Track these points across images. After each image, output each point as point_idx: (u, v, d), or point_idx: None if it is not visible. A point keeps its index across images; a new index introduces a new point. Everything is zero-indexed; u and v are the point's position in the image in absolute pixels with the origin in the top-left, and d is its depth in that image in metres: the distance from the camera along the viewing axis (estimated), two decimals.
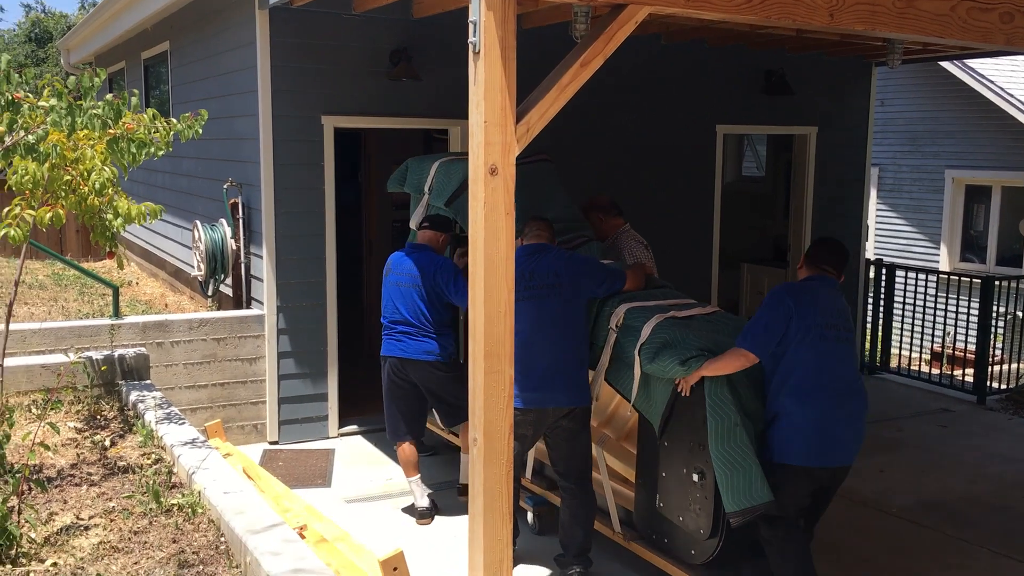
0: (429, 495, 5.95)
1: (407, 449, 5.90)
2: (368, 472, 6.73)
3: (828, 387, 4.39)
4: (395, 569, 4.39)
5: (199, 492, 4.62)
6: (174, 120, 5.10)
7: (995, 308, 9.09)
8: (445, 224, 5.90)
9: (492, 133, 3.90)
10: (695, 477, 4.52)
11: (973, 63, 12.85)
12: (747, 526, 4.37)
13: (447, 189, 6.02)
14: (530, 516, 5.81)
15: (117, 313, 7.22)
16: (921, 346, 10.02)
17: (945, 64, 12.96)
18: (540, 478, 5.85)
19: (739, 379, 4.46)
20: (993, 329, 9.15)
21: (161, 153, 5.01)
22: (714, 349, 4.50)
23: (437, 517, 5.96)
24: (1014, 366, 9.65)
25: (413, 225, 6.39)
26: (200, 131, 5.17)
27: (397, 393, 5.85)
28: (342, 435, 7.53)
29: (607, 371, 5.06)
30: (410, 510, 6.01)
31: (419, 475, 5.95)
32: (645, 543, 4.95)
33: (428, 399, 5.90)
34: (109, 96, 4.75)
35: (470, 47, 3.88)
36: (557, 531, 5.25)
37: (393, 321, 5.77)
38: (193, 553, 4.08)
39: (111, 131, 4.75)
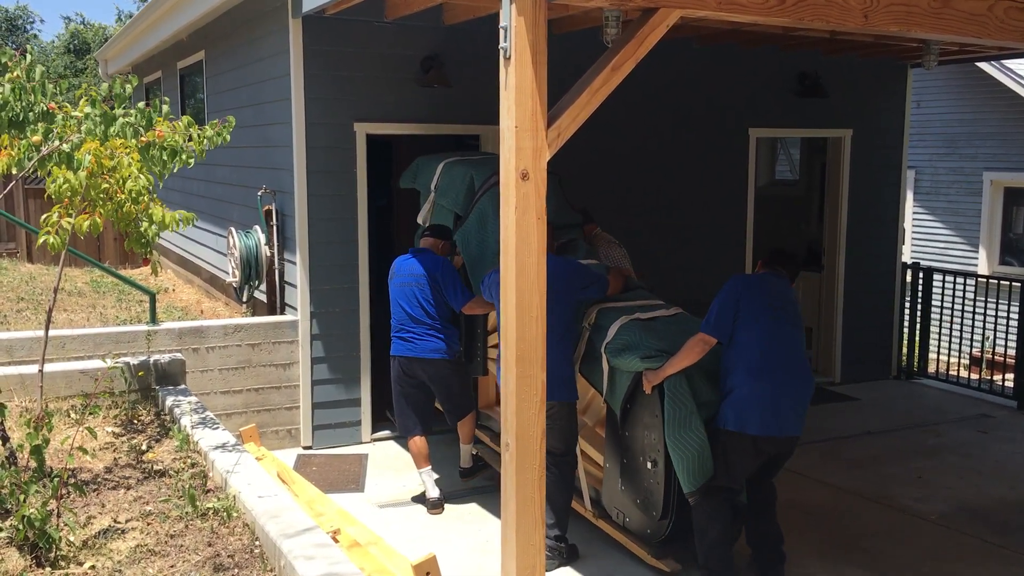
0: (438, 481, 6.29)
1: (418, 442, 6.22)
2: (401, 477, 6.75)
3: (776, 364, 4.81)
4: (428, 574, 4.40)
5: (234, 496, 4.65)
6: (207, 127, 5.15)
7: None
8: (445, 232, 6.29)
9: (523, 138, 3.90)
10: (649, 465, 5.00)
11: (1011, 64, 12.66)
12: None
13: (451, 190, 6.50)
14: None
15: (154, 319, 7.31)
16: (960, 351, 9.87)
17: (982, 65, 12.78)
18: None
19: (695, 372, 4.89)
20: None
21: (192, 162, 5.07)
22: (669, 349, 4.96)
23: (469, 520, 6.02)
24: None
25: (420, 220, 6.86)
26: (228, 138, 5.23)
27: (407, 390, 6.19)
28: (375, 440, 7.55)
29: (581, 365, 5.49)
30: (421, 499, 6.27)
31: (430, 466, 6.25)
32: (610, 522, 5.45)
33: (436, 395, 6.23)
34: (141, 104, 4.81)
35: (501, 52, 3.89)
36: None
37: (401, 321, 6.10)
38: (228, 556, 4.11)
39: (143, 139, 4.82)
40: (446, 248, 6.24)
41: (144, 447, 5.52)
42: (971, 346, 10.12)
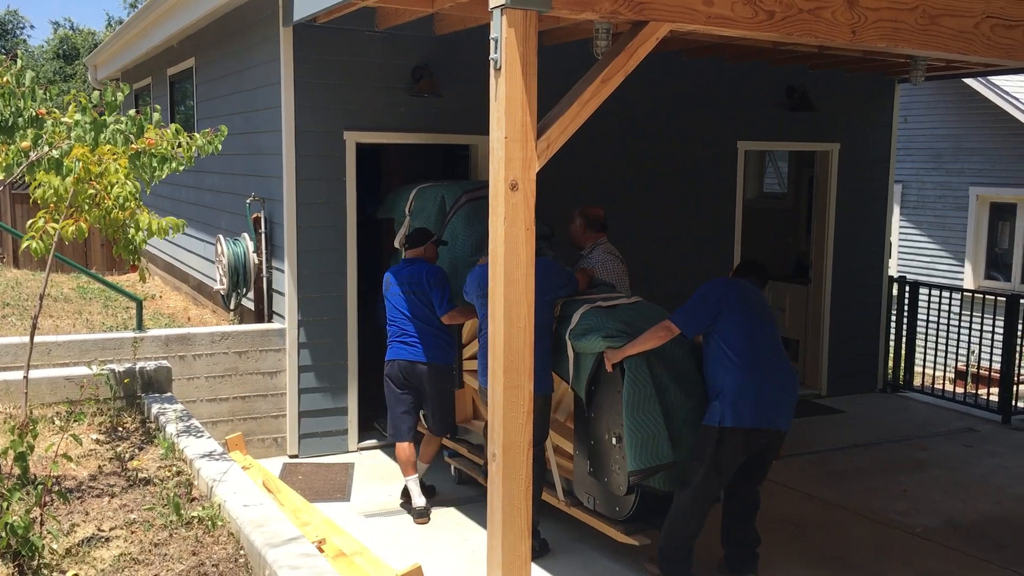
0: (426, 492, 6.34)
1: (407, 449, 6.22)
2: (387, 486, 6.73)
3: (762, 357, 4.97)
4: None
5: (219, 505, 4.63)
6: (197, 135, 5.14)
7: (1020, 327, 8.99)
8: (423, 235, 6.35)
9: (512, 149, 3.91)
10: (614, 441, 5.08)
11: (998, 80, 12.77)
12: (669, 493, 5.09)
13: (424, 211, 6.86)
14: (452, 468, 6.80)
15: (140, 326, 7.28)
16: (945, 365, 9.92)
17: (969, 81, 12.89)
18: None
19: (655, 359, 5.04)
20: (1018, 348, 9.04)
21: (182, 168, 5.06)
22: (629, 330, 5.11)
23: (456, 531, 6.01)
24: None
25: (397, 244, 7.07)
26: (220, 147, 5.22)
27: (402, 395, 6.22)
28: (362, 449, 7.53)
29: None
30: (407, 507, 6.26)
31: (417, 475, 6.24)
32: (582, 508, 5.54)
33: (427, 400, 6.25)
34: (132, 112, 4.80)
35: (491, 63, 3.90)
36: (475, 481, 6.47)
37: (402, 327, 6.17)
38: (212, 566, 4.08)
39: (133, 146, 4.81)
40: (431, 249, 6.30)
41: (129, 455, 5.49)
42: (956, 360, 10.17)
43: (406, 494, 6.33)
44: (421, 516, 6.13)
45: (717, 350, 4.99)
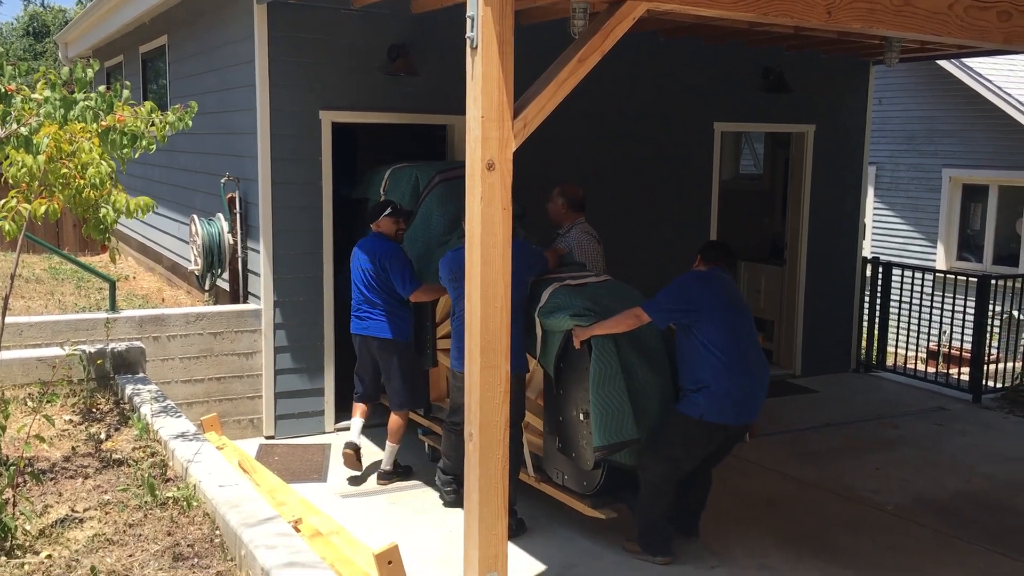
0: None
1: (359, 407, 6.59)
2: (363, 467, 6.72)
3: (746, 357, 5.08)
4: (390, 563, 4.38)
5: (194, 485, 4.62)
6: (168, 113, 5.08)
7: (991, 307, 9.10)
8: (380, 209, 6.43)
9: (489, 128, 3.90)
10: (581, 416, 5.18)
11: (971, 62, 12.85)
12: (635, 468, 5.21)
13: (397, 190, 6.95)
14: (426, 446, 6.90)
15: (114, 307, 7.22)
16: (917, 344, 10.02)
17: (943, 63, 12.97)
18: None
19: (623, 339, 5.14)
20: (989, 328, 9.16)
21: (153, 147, 5.00)
22: (597, 308, 5.23)
23: (432, 511, 6.02)
24: (1009, 365, 9.66)
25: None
26: (190, 124, 5.16)
27: (363, 363, 6.53)
28: (338, 430, 7.52)
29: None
30: (386, 476, 6.51)
31: (363, 420, 6.53)
32: (552, 484, 5.65)
33: (382, 375, 6.43)
34: (102, 88, 4.74)
35: (468, 42, 3.88)
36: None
37: (358, 302, 6.37)
38: (188, 546, 4.08)
39: (103, 123, 4.74)
40: (387, 224, 6.35)
41: (103, 436, 5.46)
42: (928, 340, 10.29)
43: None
44: (347, 447, 6.33)
45: (700, 346, 5.04)
